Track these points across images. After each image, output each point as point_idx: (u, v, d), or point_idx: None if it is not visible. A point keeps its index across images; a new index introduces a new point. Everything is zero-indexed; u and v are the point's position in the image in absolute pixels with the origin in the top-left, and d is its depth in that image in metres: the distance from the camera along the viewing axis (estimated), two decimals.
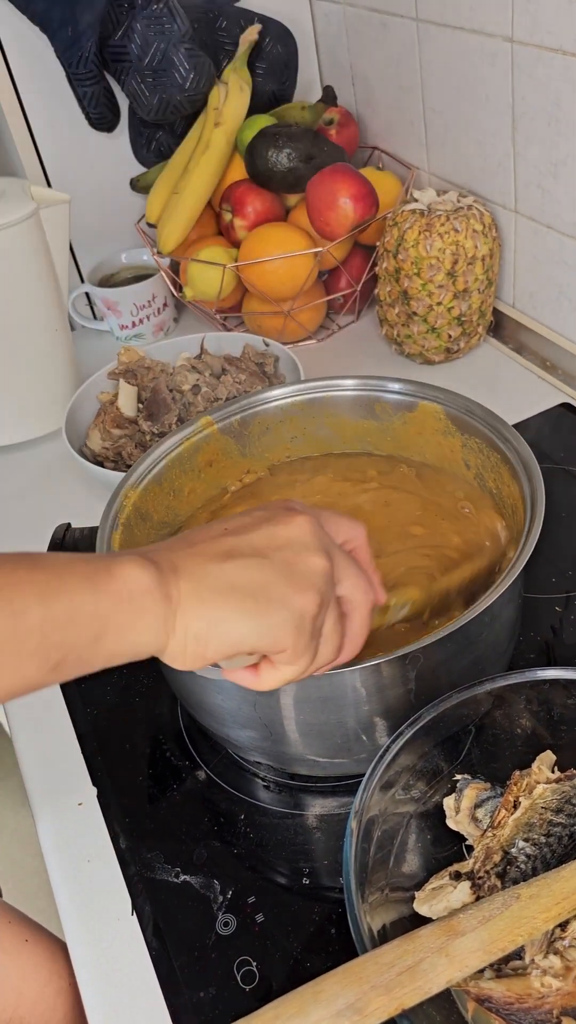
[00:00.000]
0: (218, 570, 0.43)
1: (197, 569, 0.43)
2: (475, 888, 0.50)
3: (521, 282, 1.06)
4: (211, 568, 0.43)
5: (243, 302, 1.20)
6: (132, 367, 1.03)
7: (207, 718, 0.66)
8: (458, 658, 0.59)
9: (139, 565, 0.41)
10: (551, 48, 0.85)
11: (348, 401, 0.78)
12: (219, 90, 1.14)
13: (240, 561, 0.44)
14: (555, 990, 0.45)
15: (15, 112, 1.19)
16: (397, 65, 1.12)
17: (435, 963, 0.42)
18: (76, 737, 0.75)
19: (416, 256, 1.00)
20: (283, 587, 0.44)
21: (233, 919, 0.61)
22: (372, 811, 0.52)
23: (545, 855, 0.50)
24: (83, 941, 0.62)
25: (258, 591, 0.43)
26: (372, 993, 0.41)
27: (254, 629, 0.43)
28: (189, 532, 0.47)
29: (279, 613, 0.43)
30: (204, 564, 0.43)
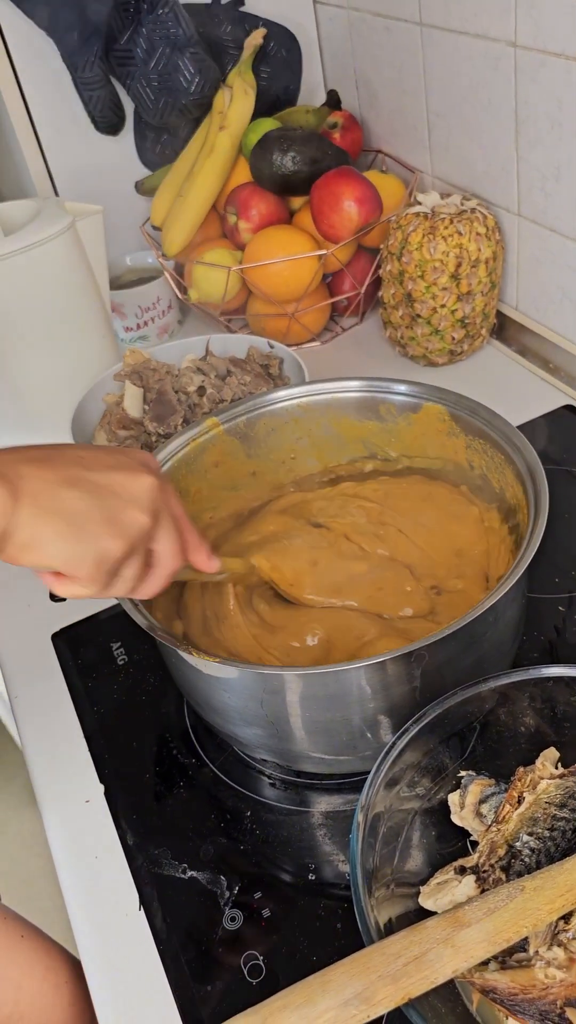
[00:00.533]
0: (57, 494, 0.49)
1: (40, 491, 0.48)
2: (480, 882, 0.50)
3: (524, 285, 1.07)
4: (52, 489, 0.49)
5: (247, 304, 1.21)
6: (138, 369, 1.04)
7: (213, 716, 0.66)
8: (462, 656, 0.60)
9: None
10: (554, 53, 0.86)
11: (353, 402, 0.79)
12: (224, 94, 1.15)
13: (77, 492, 0.49)
14: (559, 981, 0.46)
15: (21, 115, 1.20)
16: (401, 69, 1.13)
17: (441, 953, 0.43)
18: (83, 735, 0.76)
19: (420, 259, 1.01)
20: (100, 527, 0.50)
21: (240, 914, 0.61)
22: (378, 807, 0.52)
23: (549, 849, 0.50)
24: (91, 936, 0.63)
25: (79, 523, 0.49)
26: (379, 983, 0.42)
27: (62, 552, 0.49)
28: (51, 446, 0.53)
29: (86, 546, 0.49)
30: (48, 486, 0.49)
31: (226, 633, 0.70)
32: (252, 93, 1.16)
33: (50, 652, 0.84)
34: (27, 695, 0.81)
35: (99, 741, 0.75)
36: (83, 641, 0.84)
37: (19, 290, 0.98)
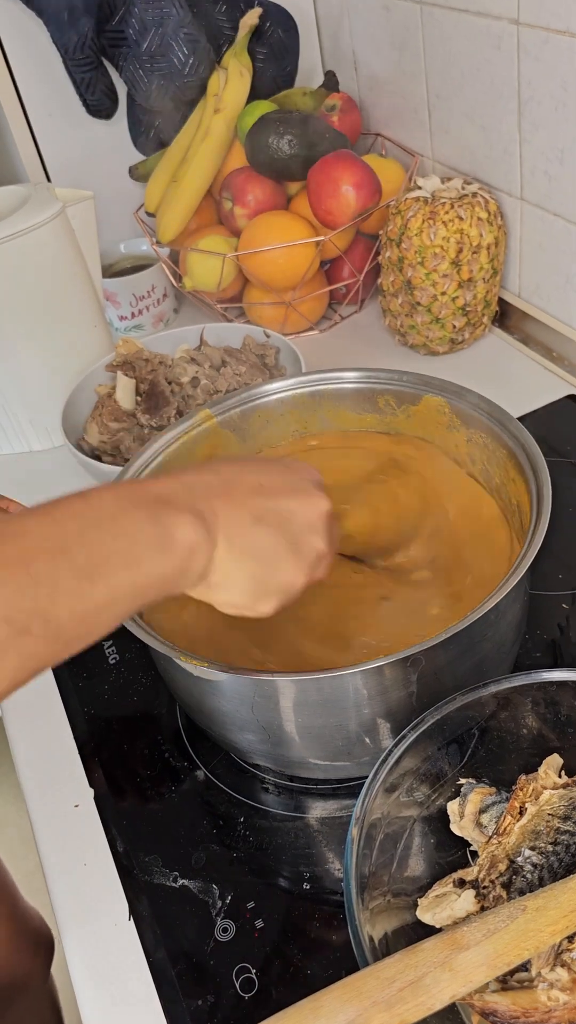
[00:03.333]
0: (248, 533, 0.49)
1: (233, 532, 0.48)
2: (479, 897, 0.48)
3: (527, 271, 1.04)
4: (244, 529, 0.48)
5: (244, 292, 1.19)
6: (130, 359, 1.01)
7: (205, 720, 0.64)
8: (462, 659, 0.58)
9: (196, 529, 0.46)
10: (558, 30, 0.83)
11: (351, 394, 0.77)
12: (219, 76, 1.12)
13: (266, 529, 0.49)
14: (562, 1004, 0.44)
15: (11, 99, 1.17)
16: (400, 50, 1.10)
17: (438, 978, 0.41)
18: (73, 737, 0.74)
19: (420, 245, 0.98)
20: (286, 563, 0.50)
21: (232, 925, 0.60)
22: (375, 814, 0.51)
23: (552, 864, 0.48)
24: (80, 946, 0.61)
25: (270, 563, 0.50)
26: (373, 1009, 0.40)
27: (252, 592, 0.50)
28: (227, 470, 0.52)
29: (275, 584, 0.50)
30: (240, 526, 0.48)
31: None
32: (248, 75, 1.13)
33: None
34: (16, 695, 0.78)
35: (89, 743, 0.73)
36: None
37: (7, 278, 0.96)
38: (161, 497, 0.46)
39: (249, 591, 0.49)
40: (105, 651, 0.80)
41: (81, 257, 1.04)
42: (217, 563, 0.47)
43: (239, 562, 0.48)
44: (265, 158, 1.10)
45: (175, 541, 0.44)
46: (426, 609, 0.67)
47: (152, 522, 0.44)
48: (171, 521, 0.45)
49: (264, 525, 0.49)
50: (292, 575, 0.51)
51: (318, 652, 0.64)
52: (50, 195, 1.00)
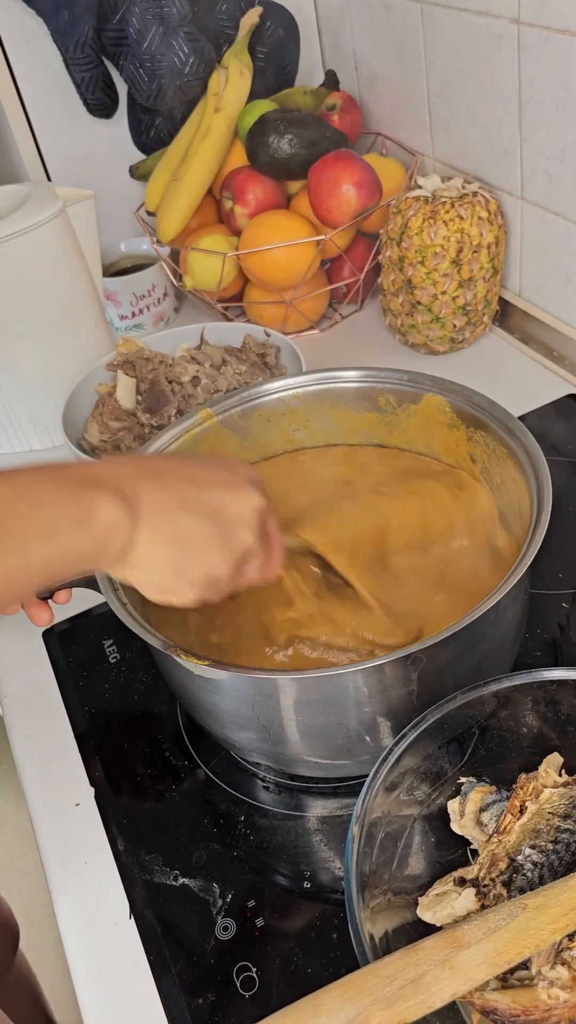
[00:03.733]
0: (173, 519, 0.49)
1: (157, 515, 0.49)
2: (480, 896, 0.48)
3: (527, 270, 1.04)
4: (168, 515, 0.49)
5: (244, 291, 1.19)
6: (131, 358, 1.01)
7: (205, 718, 0.64)
8: (462, 657, 0.58)
9: (116, 507, 0.47)
10: (559, 29, 0.83)
11: (351, 393, 0.77)
12: (219, 75, 1.12)
13: (192, 517, 0.50)
14: (563, 1002, 0.44)
15: (12, 99, 1.17)
16: (401, 49, 1.10)
17: (439, 976, 0.41)
18: (73, 736, 0.74)
19: (420, 244, 0.98)
20: (210, 551, 0.51)
21: (233, 923, 0.60)
22: (375, 813, 0.51)
23: (552, 863, 0.48)
24: (80, 945, 0.61)
25: (193, 547, 0.50)
26: (374, 1007, 0.40)
27: (173, 576, 0.51)
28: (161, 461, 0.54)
29: (195, 571, 0.51)
30: (165, 510, 0.49)
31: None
32: (248, 74, 1.13)
33: (41, 650, 0.82)
34: (16, 694, 0.79)
35: (89, 742, 0.73)
36: (74, 639, 0.82)
37: (8, 277, 0.96)
38: (87, 478, 0.47)
39: (169, 575, 0.50)
40: (106, 650, 0.80)
41: (81, 256, 1.04)
42: (138, 544, 0.48)
43: (161, 545, 0.49)
44: (266, 157, 1.10)
45: (94, 519, 0.46)
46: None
47: (72, 499, 0.45)
48: (92, 499, 0.46)
49: (190, 512, 0.50)
50: (215, 565, 0.51)
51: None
52: (50, 194, 1.00)
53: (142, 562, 0.49)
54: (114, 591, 0.60)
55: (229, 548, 0.52)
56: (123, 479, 0.48)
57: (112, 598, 0.59)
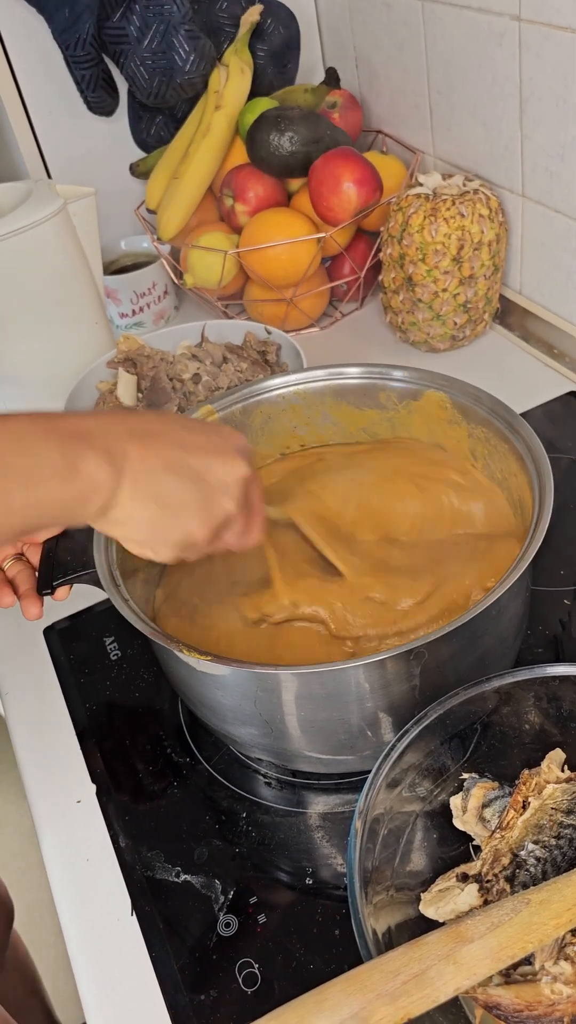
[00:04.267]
0: (156, 480, 0.51)
1: (141, 475, 0.50)
2: (483, 891, 0.48)
3: (528, 268, 1.04)
4: (152, 476, 0.50)
5: (245, 289, 1.19)
6: (131, 355, 1.01)
7: (207, 714, 0.64)
8: (464, 653, 0.58)
9: (101, 464, 0.48)
10: (560, 26, 0.83)
11: (352, 389, 0.77)
12: (220, 72, 1.12)
13: (175, 479, 0.51)
14: (566, 997, 0.44)
15: (12, 97, 1.17)
16: (401, 46, 1.10)
17: (442, 971, 0.41)
18: (75, 733, 0.74)
19: (421, 241, 0.98)
20: (190, 514, 0.52)
21: (235, 920, 0.60)
22: (378, 809, 0.51)
23: (555, 858, 0.48)
24: (82, 941, 0.61)
25: (173, 508, 0.52)
26: (377, 1002, 0.40)
27: (151, 534, 0.52)
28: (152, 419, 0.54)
29: (174, 532, 0.52)
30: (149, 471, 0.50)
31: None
32: (249, 72, 1.13)
33: (42, 647, 0.82)
34: (18, 691, 0.79)
35: (91, 739, 0.73)
36: (75, 636, 0.82)
37: (9, 275, 0.96)
38: (77, 432, 0.48)
39: (148, 533, 0.52)
40: (107, 647, 0.80)
41: (82, 254, 1.04)
42: (120, 502, 0.49)
43: (142, 504, 0.50)
44: (266, 155, 1.10)
45: (78, 473, 0.47)
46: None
47: (59, 451, 0.47)
48: (79, 454, 0.47)
49: (174, 475, 0.51)
50: (194, 528, 0.53)
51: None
52: (51, 192, 1.00)
53: (122, 518, 0.50)
54: (115, 587, 0.60)
55: (209, 513, 0.53)
56: (112, 436, 0.50)
57: (114, 594, 0.59)
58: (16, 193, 1.02)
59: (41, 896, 1.38)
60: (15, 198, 1.01)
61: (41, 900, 1.41)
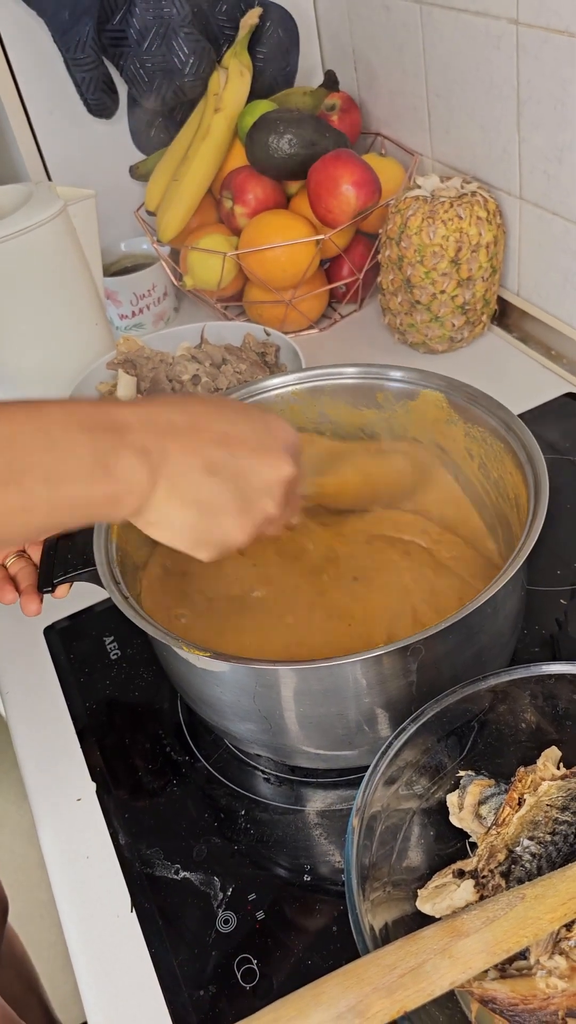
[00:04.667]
0: (196, 483, 0.48)
1: (180, 477, 0.47)
2: (479, 887, 0.49)
3: (526, 270, 1.05)
4: (192, 479, 0.48)
5: (244, 291, 1.19)
6: (131, 357, 1.02)
7: (206, 710, 0.65)
8: (460, 650, 0.58)
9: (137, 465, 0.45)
10: (557, 30, 0.83)
11: (349, 389, 0.77)
12: (219, 75, 1.13)
13: (216, 482, 0.49)
14: (560, 991, 0.44)
15: (12, 99, 1.17)
16: (400, 49, 1.11)
17: (438, 965, 0.41)
18: (75, 732, 0.74)
19: (419, 243, 0.99)
20: (230, 518, 0.50)
21: (233, 916, 0.60)
22: (375, 807, 0.51)
23: (551, 854, 0.49)
24: (82, 939, 0.62)
25: (211, 515, 0.49)
26: (374, 995, 0.40)
27: (190, 538, 0.50)
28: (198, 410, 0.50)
29: (213, 536, 0.50)
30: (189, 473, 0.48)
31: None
32: (248, 74, 1.14)
33: (42, 646, 0.83)
34: (18, 690, 0.79)
35: (91, 738, 0.74)
36: (75, 635, 0.83)
37: (9, 276, 0.96)
38: (115, 425, 0.46)
39: (185, 537, 0.50)
40: (106, 646, 0.81)
41: (82, 255, 1.04)
42: (155, 504, 0.47)
43: (179, 508, 0.48)
44: (265, 157, 1.10)
45: (111, 472, 0.45)
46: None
47: (91, 447, 0.44)
48: (113, 452, 0.45)
49: (215, 476, 0.49)
50: (233, 531, 0.51)
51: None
52: (51, 194, 1.00)
53: (157, 520, 0.48)
54: (116, 585, 0.60)
55: (249, 516, 0.51)
56: (152, 430, 0.47)
57: (114, 591, 0.60)
58: (16, 195, 1.03)
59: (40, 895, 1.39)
60: (15, 200, 1.02)
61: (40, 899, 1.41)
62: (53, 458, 0.43)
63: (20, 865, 1.64)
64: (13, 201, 1.02)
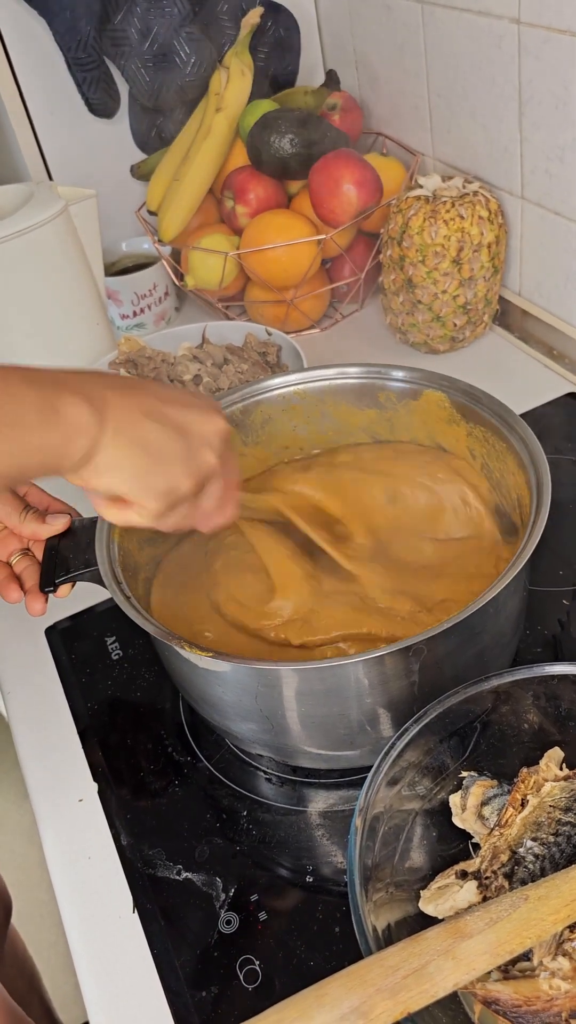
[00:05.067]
0: (140, 426, 0.50)
1: (124, 420, 0.49)
2: (482, 888, 0.48)
3: (527, 269, 1.04)
4: (135, 422, 0.50)
5: (245, 291, 1.19)
6: (133, 357, 1.02)
7: (209, 710, 0.65)
8: (462, 650, 0.58)
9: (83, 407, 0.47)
10: (559, 29, 0.83)
11: (351, 389, 0.77)
12: (220, 75, 1.12)
13: (158, 425, 0.51)
14: (564, 992, 0.44)
15: (14, 98, 1.17)
16: (401, 49, 1.11)
17: (441, 966, 0.41)
18: (76, 732, 0.74)
19: (421, 243, 0.99)
20: (175, 462, 0.52)
21: (236, 917, 0.60)
22: (377, 807, 0.51)
23: (554, 855, 0.48)
24: (84, 939, 0.62)
25: (158, 456, 0.51)
26: (377, 997, 0.40)
27: (136, 480, 0.51)
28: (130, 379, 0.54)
29: (160, 479, 0.51)
30: (131, 417, 0.50)
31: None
32: (249, 74, 1.13)
33: (43, 647, 0.83)
34: (20, 691, 0.79)
35: (92, 738, 0.74)
36: (77, 635, 0.83)
37: (10, 276, 0.96)
38: (54, 379, 0.48)
39: (133, 480, 0.50)
40: (108, 646, 0.81)
41: (83, 255, 1.04)
42: (103, 446, 0.48)
43: (127, 450, 0.49)
44: (267, 157, 1.10)
45: (60, 415, 0.46)
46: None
47: (39, 396, 0.46)
48: (59, 399, 0.47)
49: (156, 422, 0.51)
50: (179, 478, 0.52)
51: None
52: (52, 194, 1.00)
53: (107, 465, 0.49)
54: (117, 584, 0.60)
55: (194, 463, 0.52)
56: (91, 386, 0.49)
57: (116, 591, 0.60)
58: (18, 195, 1.03)
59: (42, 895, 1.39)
60: (17, 200, 1.02)
61: (42, 899, 1.41)
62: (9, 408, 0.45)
63: (21, 865, 1.64)
64: (14, 201, 1.02)
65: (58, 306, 1.02)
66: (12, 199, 1.03)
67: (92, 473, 0.49)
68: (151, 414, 0.51)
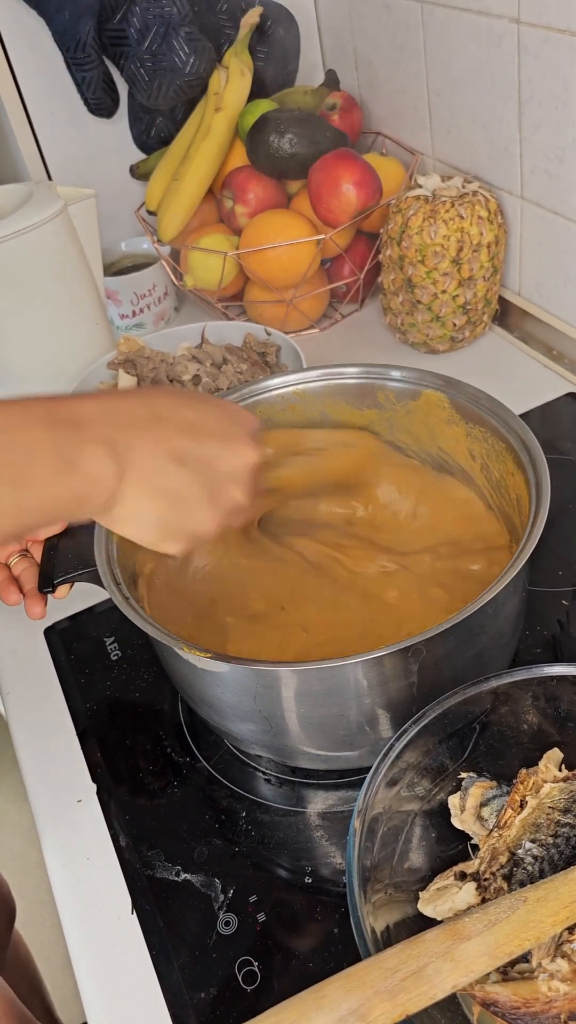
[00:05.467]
0: (164, 473, 0.48)
1: (147, 468, 0.47)
2: (480, 889, 0.48)
3: (527, 269, 1.04)
4: (159, 468, 0.48)
5: (245, 291, 1.19)
6: (132, 357, 1.01)
7: (207, 711, 0.65)
8: (461, 651, 0.58)
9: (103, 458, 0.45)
10: (559, 29, 0.83)
11: (351, 389, 0.77)
12: (220, 74, 1.12)
13: (183, 471, 0.48)
14: (563, 994, 0.44)
15: (13, 98, 1.17)
16: (401, 48, 1.10)
17: (440, 968, 0.41)
18: (75, 733, 0.74)
19: (420, 243, 0.99)
20: (199, 506, 0.50)
21: (234, 918, 0.60)
22: (376, 808, 0.51)
23: (552, 856, 0.48)
24: (83, 940, 0.61)
25: (181, 505, 0.49)
26: (376, 999, 0.40)
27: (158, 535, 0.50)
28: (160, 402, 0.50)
29: (183, 526, 0.50)
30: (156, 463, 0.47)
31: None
32: (248, 74, 1.13)
33: (42, 647, 0.82)
34: (18, 691, 0.79)
35: (91, 739, 0.73)
36: (76, 636, 0.83)
37: (9, 276, 0.96)
38: (75, 420, 0.45)
39: (155, 530, 0.49)
40: (107, 647, 0.80)
41: (82, 255, 1.04)
42: (124, 497, 0.47)
43: (148, 500, 0.48)
44: (266, 157, 1.10)
45: (76, 468, 0.44)
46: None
47: (54, 444, 0.43)
48: (77, 447, 0.44)
49: (182, 466, 0.48)
50: (203, 522, 0.51)
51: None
52: (52, 193, 1.00)
53: (127, 516, 0.48)
54: (116, 585, 0.60)
55: (218, 505, 0.51)
56: (115, 423, 0.47)
57: (114, 592, 0.59)
58: (17, 195, 1.03)
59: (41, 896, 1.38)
60: (16, 200, 1.02)
61: (41, 900, 1.41)
62: (18, 460, 0.42)
63: (20, 865, 1.64)
64: (13, 201, 1.02)
65: (57, 306, 1.02)
66: (11, 199, 1.02)
67: (111, 522, 0.48)
68: (178, 457, 0.48)
